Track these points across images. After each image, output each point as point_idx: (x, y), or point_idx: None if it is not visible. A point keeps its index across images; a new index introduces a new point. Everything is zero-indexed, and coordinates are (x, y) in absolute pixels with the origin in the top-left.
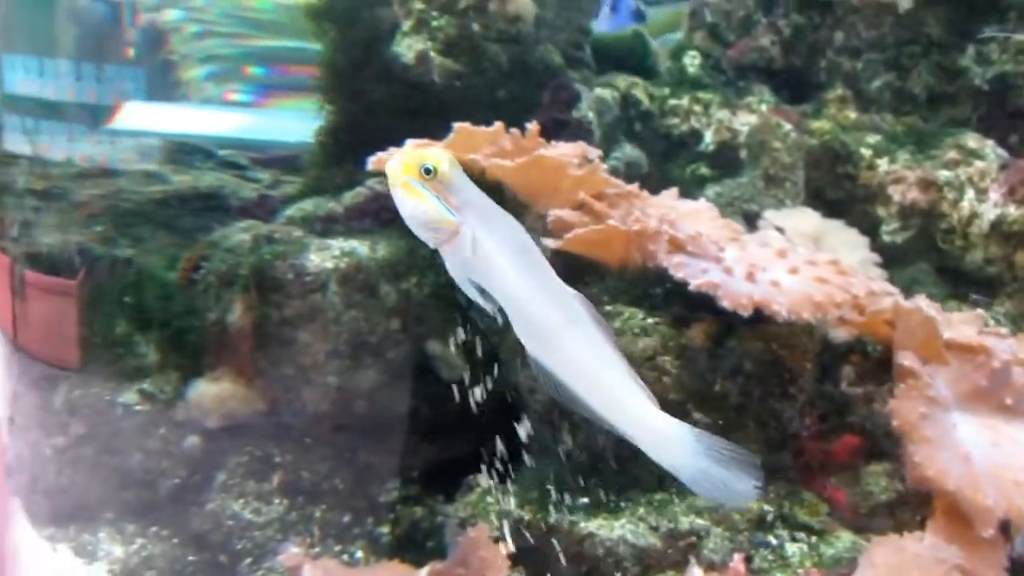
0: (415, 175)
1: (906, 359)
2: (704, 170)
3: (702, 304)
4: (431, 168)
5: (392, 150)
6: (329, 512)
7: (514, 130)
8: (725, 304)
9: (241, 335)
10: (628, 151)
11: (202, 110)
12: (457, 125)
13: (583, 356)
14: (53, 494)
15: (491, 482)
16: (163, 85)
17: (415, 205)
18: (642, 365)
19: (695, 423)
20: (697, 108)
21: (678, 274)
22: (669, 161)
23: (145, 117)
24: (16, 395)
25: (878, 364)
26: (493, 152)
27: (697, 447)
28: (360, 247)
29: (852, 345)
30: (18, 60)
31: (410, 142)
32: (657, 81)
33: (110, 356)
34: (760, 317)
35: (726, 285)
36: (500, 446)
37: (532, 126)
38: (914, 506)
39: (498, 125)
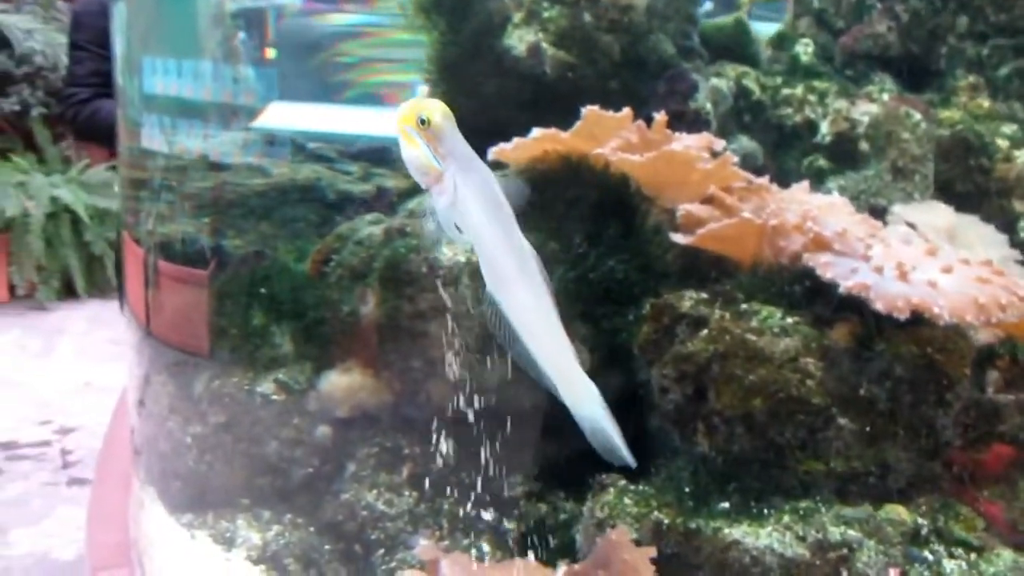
0: (413, 124)
1: None
2: (822, 162)
3: (844, 303)
4: (425, 118)
5: (517, 140)
6: (456, 505)
7: (640, 122)
8: (879, 306)
9: (373, 327)
10: (744, 143)
11: (342, 109)
12: (586, 110)
13: (529, 305)
14: (192, 481)
15: (624, 482)
16: (307, 86)
17: (410, 151)
18: (783, 366)
19: (840, 428)
20: (812, 98)
21: (826, 274)
22: (782, 153)
23: (285, 116)
24: (147, 380)
25: None
26: (620, 145)
27: (600, 409)
28: None
29: (997, 348)
30: (158, 62)
31: (536, 131)
32: (769, 70)
33: (247, 346)
34: (913, 318)
35: (878, 286)
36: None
37: (660, 117)
38: None
39: (626, 111)
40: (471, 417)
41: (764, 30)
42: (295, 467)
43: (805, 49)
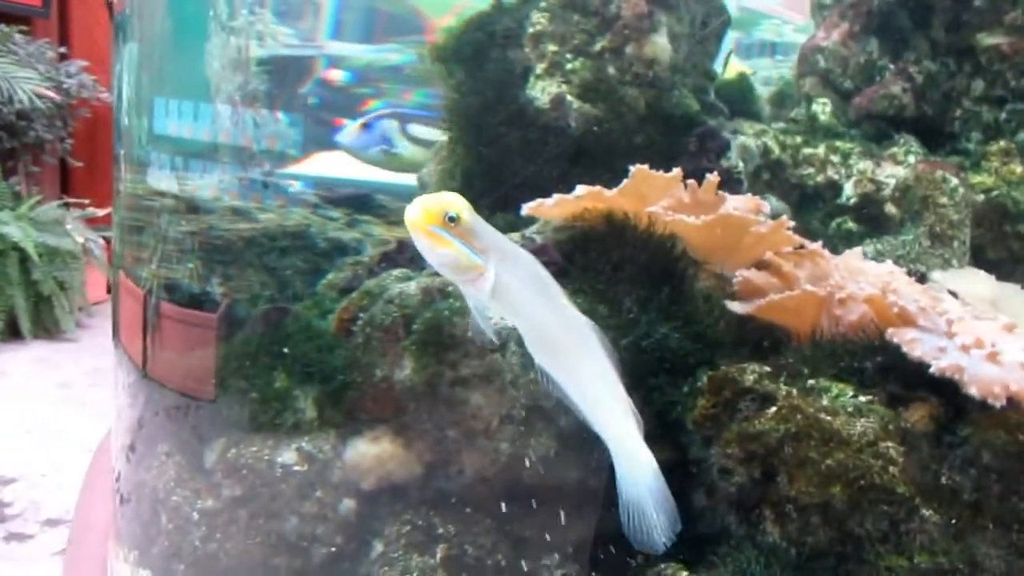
0: (439, 223)
1: None
2: (851, 224)
3: (919, 382)
4: (455, 216)
5: (558, 196)
6: None
7: (692, 181)
8: (972, 391)
9: (408, 393)
10: (774, 202)
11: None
12: (635, 169)
13: (590, 374)
14: (199, 562)
15: (686, 574)
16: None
17: (445, 253)
18: (862, 450)
19: (925, 520)
20: (835, 158)
21: (914, 352)
22: (804, 213)
23: (326, 165)
24: (141, 423)
25: None
26: (671, 204)
27: (653, 482)
28: None
29: None
30: (172, 103)
31: (580, 188)
32: (787, 129)
33: (267, 411)
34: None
35: (972, 369)
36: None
37: (712, 178)
38: None
39: (676, 172)
40: (510, 492)
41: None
42: (315, 545)
43: (823, 108)
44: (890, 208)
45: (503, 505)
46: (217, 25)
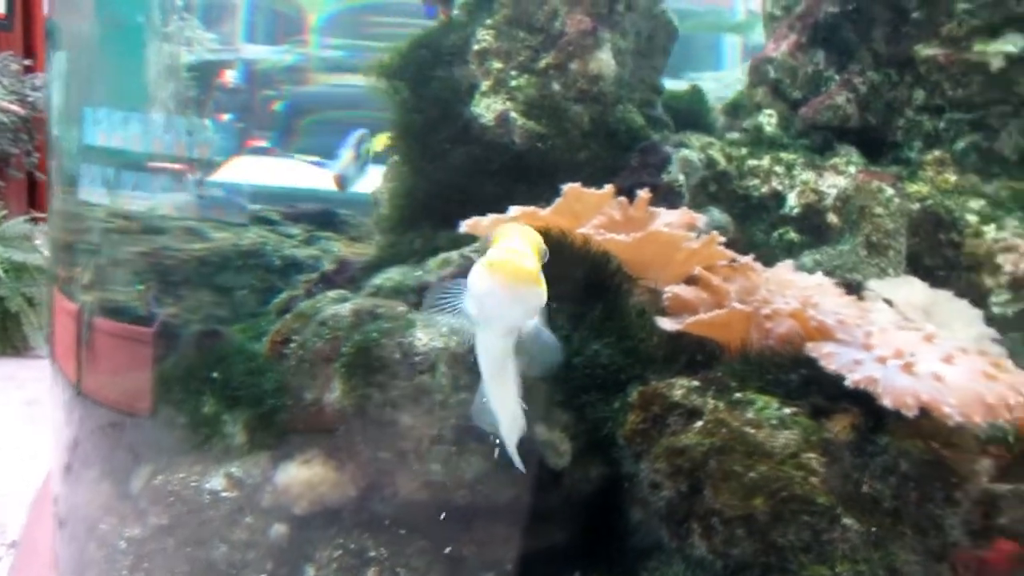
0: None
1: None
2: (792, 235)
3: (844, 393)
4: (545, 250)
5: (492, 216)
6: None
7: (623, 199)
8: (886, 402)
9: (339, 416)
10: (716, 215)
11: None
12: (567, 187)
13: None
14: None
15: None
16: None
17: (543, 293)
18: (784, 462)
19: (846, 529)
20: (779, 169)
21: (830, 366)
22: (749, 224)
23: (242, 171)
24: (77, 442)
25: (1022, 456)
26: (603, 223)
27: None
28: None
29: (988, 435)
30: (102, 112)
31: (513, 208)
32: (733, 140)
33: (196, 437)
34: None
35: (886, 380)
36: (602, 542)
37: (643, 194)
38: None
39: (608, 188)
40: (444, 513)
41: None
42: (247, 572)
43: (769, 120)
44: (832, 218)
45: (437, 526)
46: (151, 31)
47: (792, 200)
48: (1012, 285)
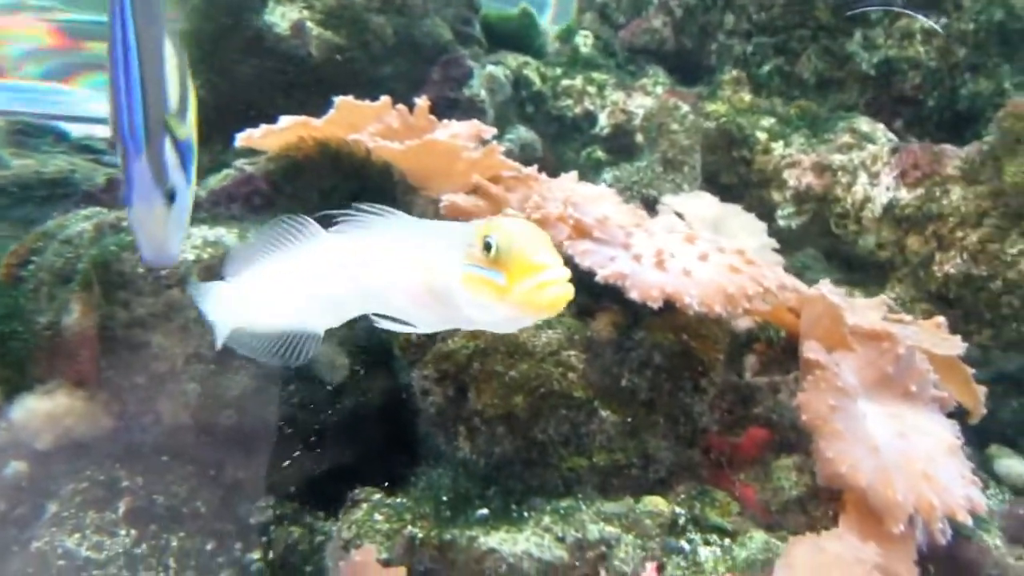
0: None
1: (812, 351)
2: (600, 153)
3: (608, 292)
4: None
5: (264, 127)
6: (188, 540)
7: (401, 106)
8: (634, 296)
9: (80, 340)
10: (522, 133)
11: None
12: (338, 100)
13: None
14: None
15: (379, 496)
16: None
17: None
18: (544, 360)
19: (603, 421)
20: (591, 89)
21: (584, 262)
22: (562, 143)
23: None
24: None
25: (782, 352)
26: (379, 131)
27: None
28: (227, 235)
29: (755, 333)
30: None
31: (284, 119)
32: (549, 61)
33: None
34: (670, 305)
35: (635, 275)
36: (389, 455)
37: (421, 102)
38: (825, 501)
39: (384, 100)
40: (208, 436)
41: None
42: None
43: (585, 41)
44: (639, 137)
45: (203, 450)
46: None
47: (603, 120)
48: (796, 199)
